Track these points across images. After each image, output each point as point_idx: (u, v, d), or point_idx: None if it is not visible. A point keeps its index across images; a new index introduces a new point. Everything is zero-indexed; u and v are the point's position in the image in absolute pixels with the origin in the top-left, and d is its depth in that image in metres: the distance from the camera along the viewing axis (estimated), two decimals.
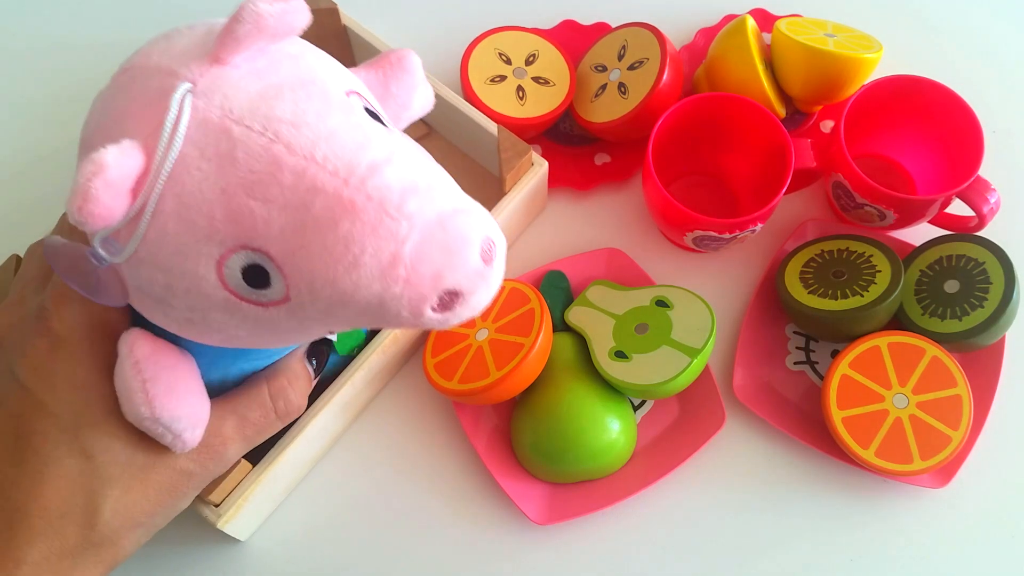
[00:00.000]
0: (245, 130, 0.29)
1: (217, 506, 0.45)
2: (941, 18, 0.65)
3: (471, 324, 0.51)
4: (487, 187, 0.58)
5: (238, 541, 0.51)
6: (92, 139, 0.32)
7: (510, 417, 0.53)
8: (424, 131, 0.60)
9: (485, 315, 0.51)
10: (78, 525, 0.35)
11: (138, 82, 0.31)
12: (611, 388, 0.50)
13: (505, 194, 0.53)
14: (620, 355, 0.50)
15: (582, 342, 0.53)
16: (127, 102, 0.31)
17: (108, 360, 0.36)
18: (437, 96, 0.53)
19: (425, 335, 0.53)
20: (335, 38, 0.56)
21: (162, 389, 0.35)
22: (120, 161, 0.28)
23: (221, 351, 0.38)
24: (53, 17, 0.66)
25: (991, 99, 0.60)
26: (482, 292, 0.31)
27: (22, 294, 0.40)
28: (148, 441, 0.37)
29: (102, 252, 0.31)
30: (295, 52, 0.33)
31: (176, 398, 0.35)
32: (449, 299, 0.31)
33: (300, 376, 0.42)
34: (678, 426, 0.53)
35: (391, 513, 0.52)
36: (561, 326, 0.54)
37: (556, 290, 0.55)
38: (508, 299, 0.52)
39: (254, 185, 0.29)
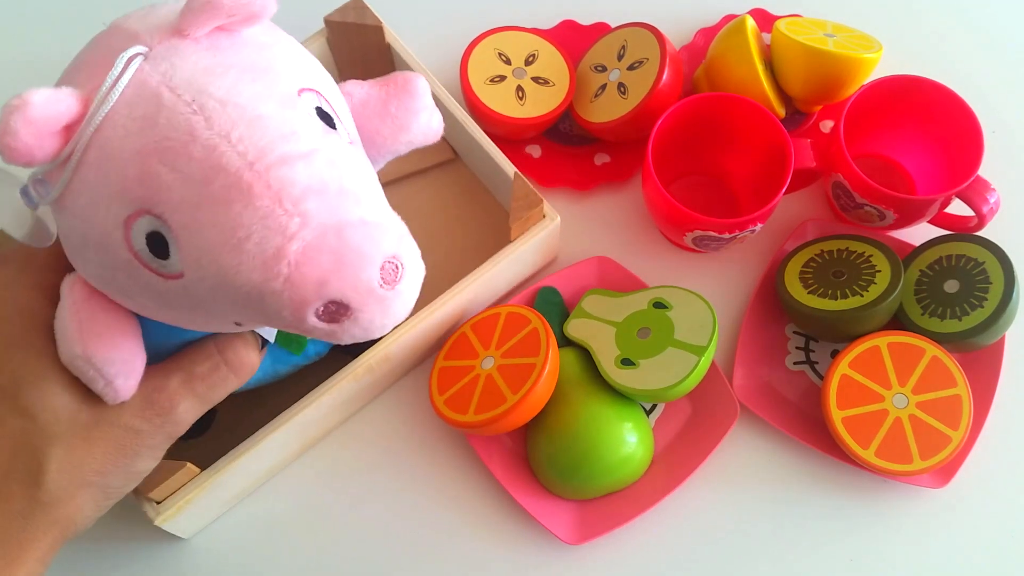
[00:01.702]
0: (175, 98, 0.30)
1: (159, 503, 0.45)
2: (941, 18, 0.65)
3: (474, 355, 0.51)
4: (502, 226, 0.54)
5: (180, 538, 0.51)
6: (58, 83, 0.33)
7: (524, 441, 0.53)
8: (450, 156, 0.59)
9: (487, 344, 0.51)
10: (23, 485, 0.35)
11: (108, 40, 0.33)
12: (622, 397, 0.50)
13: (510, 242, 0.51)
14: (627, 363, 0.50)
15: (586, 355, 0.52)
16: (91, 56, 0.33)
17: (52, 293, 0.36)
18: (461, 128, 0.52)
19: (429, 366, 0.52)
20: (379, 54, 0.55)
21: (96, 330, 0.35)
22: (48, 103, 0.29)
23: (154, 324, 0.37)
24: None
25: (991, 99, 0.60)
26: (375, 312, 0.30)
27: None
28: (92, 398, 0.36)
29: (32, 192, 0.32)
30: (265, 41, 0.34)
31: (109, 341, 0.35)
32: (336, 310, 0.30)
33: (247, 336, 0.41)
34: (692, 425, 0.53)
35: (365, 530, 0.52)
36: (562, 341, 0.53)
37: (551, 306, 0.54)
38: (507, 324, 0.51)
39: (166, 151, 0.30)
